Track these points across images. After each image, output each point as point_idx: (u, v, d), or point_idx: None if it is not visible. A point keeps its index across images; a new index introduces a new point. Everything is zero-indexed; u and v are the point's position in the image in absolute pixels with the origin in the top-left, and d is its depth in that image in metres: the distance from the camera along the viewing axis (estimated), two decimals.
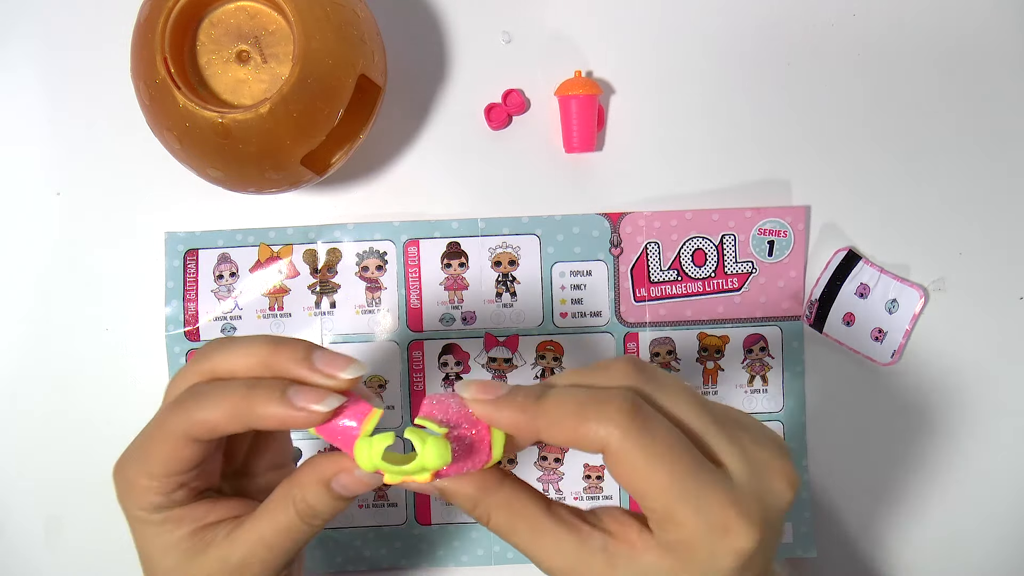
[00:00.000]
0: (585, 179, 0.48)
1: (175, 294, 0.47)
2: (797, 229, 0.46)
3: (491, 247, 0.47)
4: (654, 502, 0.28)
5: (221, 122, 0.39)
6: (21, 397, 0.48)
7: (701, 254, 0.47)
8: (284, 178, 0.42)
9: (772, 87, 0.48)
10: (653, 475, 0.27)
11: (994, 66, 0.48)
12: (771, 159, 0.48)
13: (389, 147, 0.48)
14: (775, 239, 0.46)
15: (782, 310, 0.47)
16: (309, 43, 0.39)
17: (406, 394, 0.48)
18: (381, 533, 0.48)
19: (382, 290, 0.47)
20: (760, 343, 0.48)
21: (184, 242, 0.47)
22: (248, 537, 0.32)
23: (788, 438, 0.48)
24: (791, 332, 0.48)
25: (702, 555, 0.28)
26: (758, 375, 0.48)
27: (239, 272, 0.47)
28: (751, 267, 0.47)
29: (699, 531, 0.27)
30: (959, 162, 0.48)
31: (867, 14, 0.48)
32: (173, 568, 0.32)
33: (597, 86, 0.46)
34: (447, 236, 0.47)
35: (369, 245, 0.47)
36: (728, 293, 0.47)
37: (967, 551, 0.48)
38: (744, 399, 0.48)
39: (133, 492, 0.32)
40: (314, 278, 0.47)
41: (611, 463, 0.28)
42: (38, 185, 0.48)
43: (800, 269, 0.47)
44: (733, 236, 0.47)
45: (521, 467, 0.48)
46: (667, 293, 0.47)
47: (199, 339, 0.47)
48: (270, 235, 0.47)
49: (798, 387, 0.48)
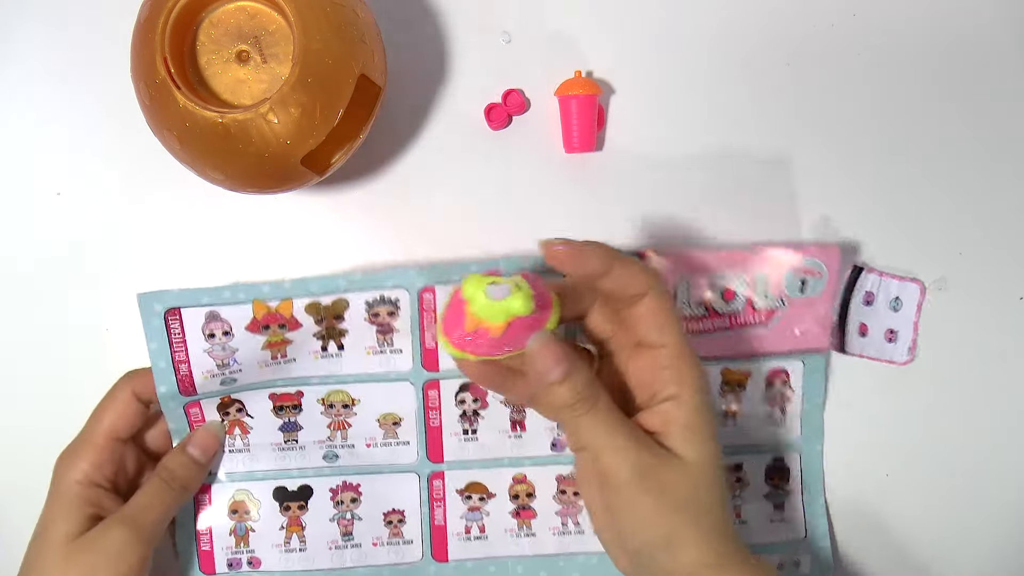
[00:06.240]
0: (585, 179, 0.48)
1: (161, 354, 0.42)
2: (832, 268, 0.45)
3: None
4: (672, 338, 0.38)
5: (221, 122, 0.39)
6: (19, 397, 0.48)
7: (731, 291, 0.46)
8: (284, 178, 0.42)
9: (772, 87, 0.48)
10: (673, 320, 0.38)
11: (995, 66, 0.48)
12: (771, 159, 0.48)
13: (389, 147, 0.48)
14: (808, 278, 0.45)
15: (806, 343, 0.46)
16: (309, 43, 0.39)
17: (422, 431, 0.46)
18: (397, 571, 0.47)
19: (394, 333, 0.45)
20: (782, 376, 0.47)
21: (161, 301, 0.42)
22: (129, 505, 0.41)
23: (805, 466, 0.48)
24: (813, 365, 0.47)
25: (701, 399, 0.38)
26: (777, 407, 0.47)
27: (233, 331, 0.43)
28: (780, 303, 0.46)
29: (698, 375, 0.38)
30: (959, 162, 0.48)
31: (867, 14, 0.48)
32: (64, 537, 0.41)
33: (597, 86, 0.46)
34: None
35: (379, 294, 0.44)
36: (755, 328, 0.46)
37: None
38: (759, 425, 0.47)
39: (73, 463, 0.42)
40: (319, 327, 0.44)
41: (644, 304, 0.38)
42: (38, 185, 0.48)
43: (829, 304, 0.46)
44: (766, 274, 0.45)
45: (540, 500, 0.47)
46: (691, 329, 0.46)
47: (196, 393, 0.43)
48: (263, 290, 0.42)
49: (817, 417, 0.47)
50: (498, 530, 0.47)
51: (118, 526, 0.41)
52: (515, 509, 0.47)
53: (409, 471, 0.47)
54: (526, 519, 0.47)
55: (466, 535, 0.47)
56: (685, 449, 0.37)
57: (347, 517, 0.47)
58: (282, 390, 0.45)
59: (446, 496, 0.47)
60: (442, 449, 0.47)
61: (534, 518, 0.47)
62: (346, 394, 0.46)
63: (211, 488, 0.46)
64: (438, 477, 0.47)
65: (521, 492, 0.47)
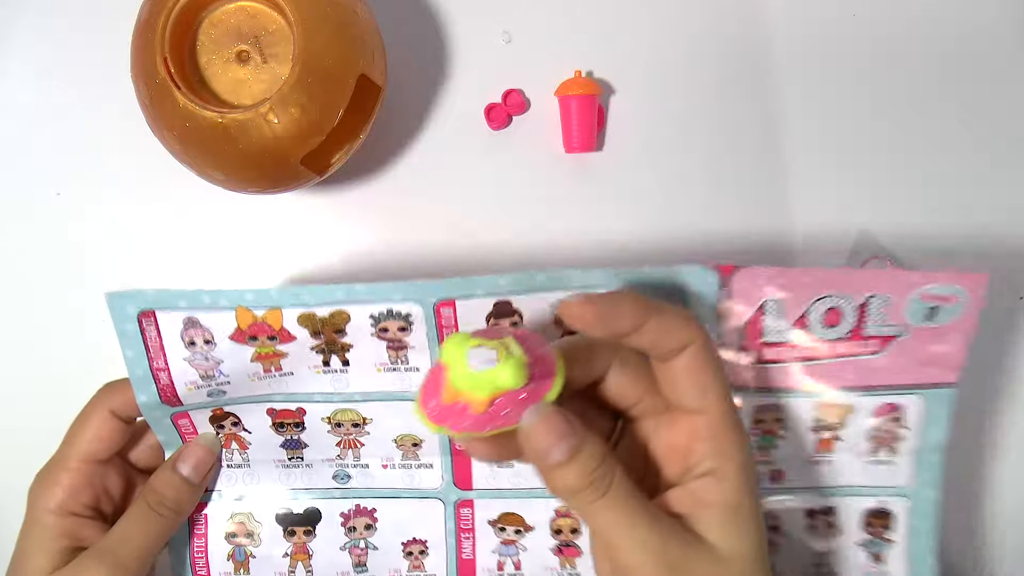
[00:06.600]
0: (585, 179, 0.48)
1: (138, 362, 0.38)
2: (975, 296, 0.38)
3: (552, 303, 0.38)
4: (715, 403, 0.32)
5: (221, 122, 0.39)
6: (20, 398, 0.48)
7: (836, 313, 0.38)
8: (284, 178, 0.42)
9: (771, 87, 0.48)
10: (717, 380, 0.32)
11: (996, 66, 0.48)
12: (770, 158, 0.48)
13: (389, 147, 0.48)
14: (941, 305, 0.38)
15: (930, 376, 0.39)
16: (309, 43, 0.39)
17: (447, 452, 0.41)
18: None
19: (408, 349, 0.38)
20: (894, 413, 0.40)
21: (133, 303, 0.37)
22: (109, 536, 0.38)
23: (914, 514, 0.41)
24: (936, 401, 0.40)
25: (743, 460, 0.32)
26: (885, 446, 0.40)
27: (215, 340, 0.38)
28: (900, 330, 0.39)
29: (744, 447, 0.32)
30: (960, 162, 0.48)
31: (867, 14, 0.48)
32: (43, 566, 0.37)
33: (597, 86, 0.46)
34: (493, 294, 0.37)
35: (387, 307, 0.37)
36: (862, 357, 0.39)
37: None
38: (862, 467, 0.41)
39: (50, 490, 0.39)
40: (317, 340, 0.38)
41: (682, 360, 0.32)
42: (38, 185, 0.48)
43: (966, 334, 0.39)
44: (885, 297, 0.38)
45: (587, 536, 0.39)
46: (783, 357, 0.39)
47: (182, 404, 0.39)
48: (247, 298, 0.37)
49: (934, 461, 0.40)
50: (536, 568, 0.42)
51: (94, 563, 0.36)
52: (557, 546, 0.42)
53: (432, 497, 0.42)
54: (569, 557, 0.42)
55: (499, 572, 0.42)
56: (722, 537, 0.30)
57: (360, 546, 0.42)
58: (281, 405, 0.41)
59: (475, 526, 0.42)
60: (471, 475, 0.41)
61: (579, 557, 0.41)
62: (356, 413, 0.41)
63: (207, 508, 0.42)
64: (466, 505, 0.42)
65: (565, 527, 0.42)
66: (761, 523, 0.31)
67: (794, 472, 0.41)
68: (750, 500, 0.31)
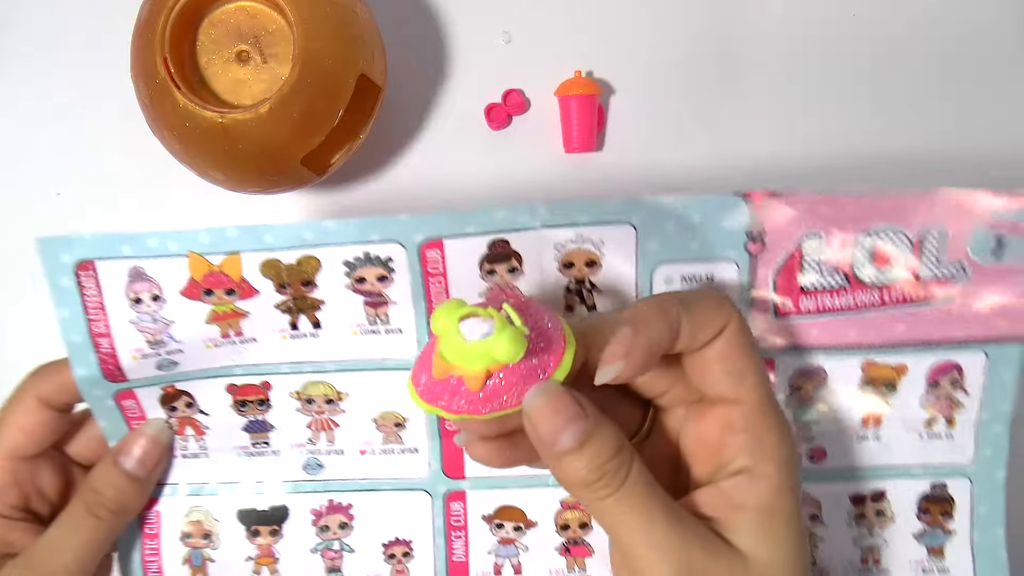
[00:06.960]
0: (585, 179, 0.48)
1: (75, 326, 0.32)
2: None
3: (558, 243, 0.33)
4: (752, 391, 0.29)
5: (221, 122, 0.39)
6: None
7: (884, 254, 0.33)
8: (284, 178, 0.42)
9: (771, 86, 0.48)
10: (754, 366, 0.29)
11: (996, 66, 0.48)
12: (770, 158, 0.48)
13: (389, 147, 0.48)
14: (1006, 236, 0.32)
15: (996, 329, 0.33)
16: (309, 43, 0.39)
17: (436, 435, 0.36)
18: None
19: (389, 306, 0.34)
20: (952, 374, 0.34)
21: (69, 251, 0.32)
22: (39, 543, 0.33)
23: (978, 498, 0.35)
24: (1003, 358, 0.34)
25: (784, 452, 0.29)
26: (941, 416, 0.35)
27: (163, 295, 0.33)
28: (959, 271, 0.33)
29: (785, 442, 0.29)
30: (960, 162, 0.48)
31: (867, 14, 0.48)
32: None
33: (597, 86, 0.46)
34: (488, 232, 0.32)
35: (363, 250, 0.33)
36: (915, 306, 0.33)
37: None
38: (916, 445, 0.35)
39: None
40: (282, 295, 0.33)
41: (716, 346, 0.29)
42: (38, 185, 0.48)
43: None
44: (942, 229, 0.32)
45: (599, 533, 0.37)
46: (824, 306, 0.33)
47: (126, 379, 0.34)
48: (201, 239, 0.32)
49: (999, 433, 0.35)
50: (539, 571, 0.36)
51: (18, 574, 0.32)
52: (563, 544, 0.36)
53: (418, 488, 0.37)
54: (578, 557, 0.36)
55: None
56: (754, 544, 0.27)
57: (334, 548, 0.37)
58: (242, 380, 0.35)
59: (468, 523, 0.36)
60: (463, 460, 0.36)
61: (589, 557, 0.36)
62: (329, 387, 0.36)
63: (159, 503, 0.37)
64: (457, 498, 0.36)
65: (572, 521, 0.36)
66: (801, 527, 0.28)
67: (836, 450, 0.36)
68: (789, 501, 0.28)
